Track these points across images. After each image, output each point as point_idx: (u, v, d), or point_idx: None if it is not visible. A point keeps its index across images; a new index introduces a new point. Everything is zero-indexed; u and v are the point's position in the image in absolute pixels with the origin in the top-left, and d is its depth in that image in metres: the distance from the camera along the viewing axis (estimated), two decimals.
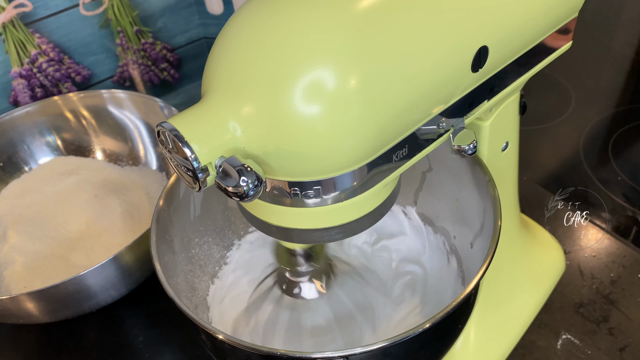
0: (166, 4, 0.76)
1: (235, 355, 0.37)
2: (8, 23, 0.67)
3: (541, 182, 0.70)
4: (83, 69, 0.74)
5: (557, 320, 0.55)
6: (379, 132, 0.29)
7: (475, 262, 0.45)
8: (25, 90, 0.71)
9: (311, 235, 0.34)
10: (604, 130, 0.78)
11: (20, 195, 0.66)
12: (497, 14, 0.33)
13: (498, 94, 0.37)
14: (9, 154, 0.69)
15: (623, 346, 0.53)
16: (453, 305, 0.35)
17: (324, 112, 0.27)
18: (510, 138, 0.46)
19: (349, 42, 0.27)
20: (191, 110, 0.29)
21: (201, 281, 0.52)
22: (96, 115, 0.71)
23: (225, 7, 0.77)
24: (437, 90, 0.31)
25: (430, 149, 0.34)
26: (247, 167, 0.27)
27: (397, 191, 0.36)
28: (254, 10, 0.29)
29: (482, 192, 0.44)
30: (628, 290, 0.57)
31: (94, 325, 0.59)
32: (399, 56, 0.29)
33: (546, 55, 0.40)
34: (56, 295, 0.49)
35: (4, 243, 0.61)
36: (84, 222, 0.62)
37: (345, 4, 0.28)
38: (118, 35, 0.74)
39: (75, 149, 0.71)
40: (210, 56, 0.30)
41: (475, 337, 0.50)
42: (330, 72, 0.27)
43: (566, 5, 0.38)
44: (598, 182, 0.70)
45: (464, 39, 0.31)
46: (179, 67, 0.82)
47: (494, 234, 0.39)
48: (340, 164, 0.29)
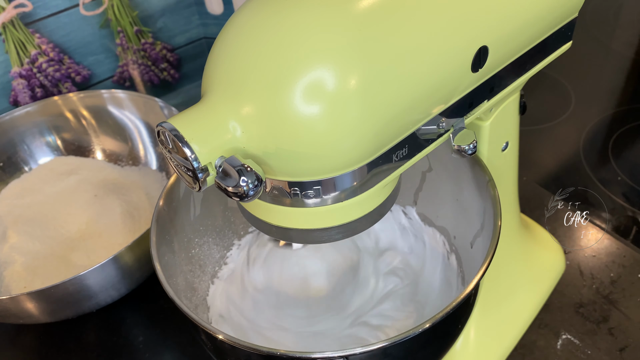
0: (166, 4, 0.76)
1: (235, 355, 0.37)
2: (8, 23, 0.67)
3: (541, 182, 0.70)
4: (83, 69, 0.74)
5: (557, 320, 0.55)
6: (379, 132, 0.29)
7: (475, 262, 0.45)
8: (25, 90, 0.71)
9: (311, 235, 0.34)
10: (604, 130, 0.78)
11: (20, 195, 0.66)
12: (497, 14, 0.33)
13: (498, 94, 0.37)
14: (9, 154, 0.69)
15: (623, 346, 0.53)
16: (453, 305, 0.35)
17: (323, 112, 0.27)
18: (510, 138, 0.46)
19: (348, 42, 0.27)
20: (191, 110, 0.29)
21: (201, 281, 0.52)
22: (96, 115, 0.71)
23: (225, 7, 0.77)
24: (437, 90, 0.31)
25: (430, 149, 0.34)
26: (247, 167, 0.27)
27: (397, 191, 0.36)
28: (254, 10, 0.29)
29: (482, 192, 0.44)
30: (628, 290, 0.57)
31: (94, 325, 0.59)
32: (399, 56, 0.29)
33: (546, 55, 0.40)
34: (56, 295, 0.49)
35: (4, 243, 0.61)
36: (84, 222, 0.62)
37: (345, 4, 0.28)
38: (118, 35, 0.74)
39: (75, 149, 0.71)
40: (210, 56, 0.30)
41: (475, 337, 0.50)
42: (330, 72, 0.27)
43: (566, 5, 0.38)
44: (598, 182, 0.70)
45: (464, 39, 0.31)
46: (179, 67, 0.82)
47: (494, 234, 0.39)
48: (340, 163, 0.29)
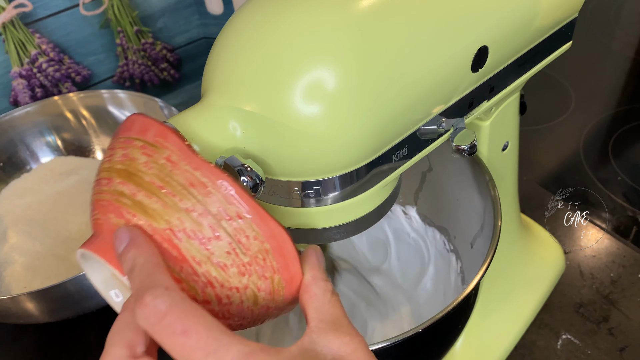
0: (166, 4, 0.76)
1: None
2: (8, 23, 0.67)
3: (541, 182, 0.70)
4: (83, 69, 0.74)
5: (557, 320, 0.55)
6: (379, 132, 0.29)
7: (475, 262, 0.45)
8: (25, 90, 0.71)
9: (311, 235, 0.34)
10: (604, 130, 0.78)
11: (20, 195, 0.66)
12: (497, 14, 0.33)
13: (498, 93, 0.37)
14: (9, 154, 0.69)
15: (623, 346, 0.53)
16: (453, 305, 0.35)
17: (323, 112, 0.27)
18: (511, 138, 0.46)
19: (348, 43, 0.27)
20: (191, 110, 0.29)
21: None
22: (96, 115, 0.71)
23: (225, 7, 0.77)
24: (437, 90, 0.31)
25: (430, 149, 0.34)
26: (247, 167, 0.27)
27: (397, 191, 0.36)
28: (254, 11, 0.29)
29: (482, 192, 0.44)
30: (628, 290, 0.57)
31: (94, 325, 0.59)
32: (399, 56, 0.29)
33: (546, 55, 0.40)
34: (56, 295, 0.49)
35: (4, 243, 0.61)
36: (84, 222, 0.62)
37: (345, 5, 0.28)
38: (118, 35, 0.74)
39: (75, 149, 0.71)
40: (210, 56, 0.30)
41: (475, 337, 0.50)
42: (330, 73, 0.27)
43: (566, 5, 0.38)
44: (598, 182, 0.70)
45: (464, 39, 0.31)
46: (179, 67, 0.82)
47: (494, 234, 0.39)
48: (340, 163, 0.29)
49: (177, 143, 0.25)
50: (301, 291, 0.26)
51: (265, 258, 0.25)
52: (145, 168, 0.24)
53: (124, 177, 0.25)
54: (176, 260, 0.24)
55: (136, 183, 0.25)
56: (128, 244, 0.24)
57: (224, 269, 0.24)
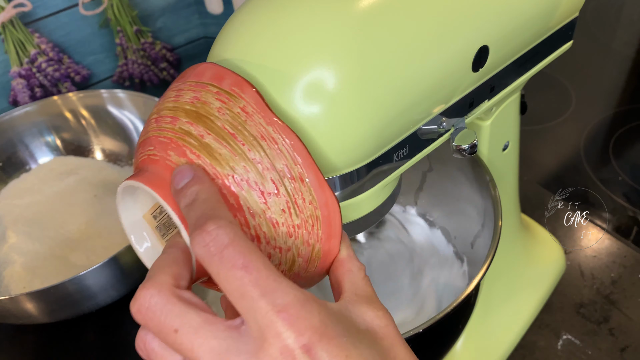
0: (166, 3, 0.76)
1: None
2: (7, 23, 0.66)
3: (541, 182, 0.70)
4: (82, 69, 0.74)
5: (558, 321, 0.55)
6: (380, 132, 0.29)
7: (475, 262, 0.45)
8: (24, 90, 0.71)
9: None
10: (605, 130, 0.78)
11: (19, 195, 0.66)
12: (497, 14, 0.33)
13: (498, 93, 0.37)
14: (9, 154, 0.69)
15: (624, 346, 0.53)
16: (453, 306, 0.35)
17: (323, 111, 0.27)
18: (511, 138, 0.46)
19: (348, 42, 0.27)
20: None
21: None
22: (96, 115, 0.71)
23: (225, 7, 0.77)
24: (438, 90, 0.31)
25: (431, 149, 0.34)
26: None
27: (397, 191, 0.36)
28: (253, 10, 0.29)
29: (482, 192, 0.44)
30: (629, 290, 0.57)
31: (94, 326, 0.59)
32: (400, 56, 0.28)
33: (547, 55, 0.40)
34: (56, 295, 0.49)
35: (4, 243, 0.61)
36: (84, 222, 0.62)
37: (345, 4, 0.28)
38: (118, 35, 0.74)
39: (75, 149, 0.71)
40: (210, 56, 0.30)
41: (476, 337, 0.50)
42: (330, 72, 0.27)
43: (566, 5, 0.38)
44: (598, 182, 0.70)
45: (465, 39, 0.31)
46: (179, 67, 0.82)
47: (494, 234, 0.39)
48: (340, 163, 0.29)
49: (253, 96, 0.25)
50: (335, 265, 0.27)
51: (314, 225, 0.25)
52: (218, 113, 0.25)
53: (192, 118, 0.25)
54: (231, 208, 0.24)
55: (207, 126, 0.25)
56: (191, 180, 0.23)
57: (275, 226, 0.25)
